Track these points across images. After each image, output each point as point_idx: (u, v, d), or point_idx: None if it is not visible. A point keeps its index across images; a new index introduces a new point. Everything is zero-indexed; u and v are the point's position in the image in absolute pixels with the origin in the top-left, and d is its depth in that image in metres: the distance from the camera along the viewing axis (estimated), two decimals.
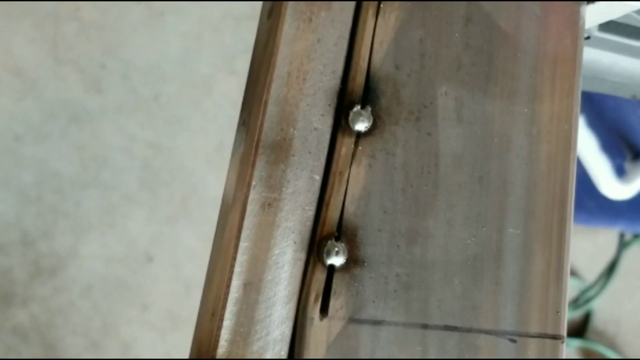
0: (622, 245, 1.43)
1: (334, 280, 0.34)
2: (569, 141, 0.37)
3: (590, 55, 0.46)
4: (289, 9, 0.34)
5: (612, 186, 1.14)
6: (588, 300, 1.42)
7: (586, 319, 1.43)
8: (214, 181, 1.31)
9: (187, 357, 0.34)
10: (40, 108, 1.29)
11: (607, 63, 0.47)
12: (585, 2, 0.38)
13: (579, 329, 1.43)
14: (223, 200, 0.35)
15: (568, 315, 1.25)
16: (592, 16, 0.39)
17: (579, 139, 1.16)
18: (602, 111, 1.15)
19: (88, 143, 1.30)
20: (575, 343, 1.41)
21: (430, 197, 0.35)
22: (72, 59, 1.30)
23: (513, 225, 0.36)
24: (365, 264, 0.34)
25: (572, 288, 1.43)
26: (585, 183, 1.20)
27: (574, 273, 1.45)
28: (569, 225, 0.37)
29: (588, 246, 1.44)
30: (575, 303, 1.42)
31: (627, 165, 1.17)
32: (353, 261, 0.34)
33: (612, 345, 1.43)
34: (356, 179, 0.34)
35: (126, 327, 1.29)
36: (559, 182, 0.37)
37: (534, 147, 0.36)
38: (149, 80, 1.32)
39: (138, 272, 1.30)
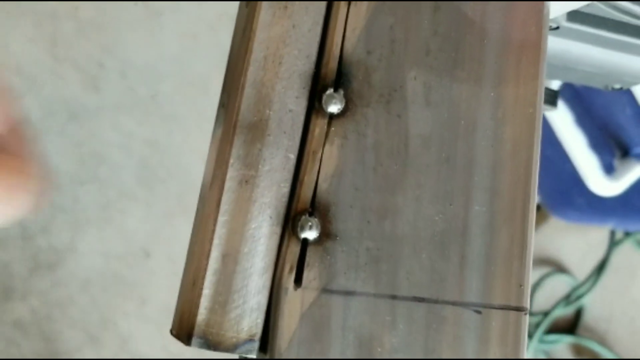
0: (613, 243, 1.44)
1: (308, 253, 0.35)
2: (533, 124, 0.39)
3: (561, 45, 0.48)
4: None
5: (600, 183, 1.15)
6: (579, 297, 1.44)
7: (577, 316, 1.45)
8: None
9: (184, 350, 0.35)
10: (39, 106, 1.31)
11: (578, 53, 0.48)
12: None
13: (571, 326, 1.45)
14: (203, 178, 0.37)
15: (560, 312, 1.26)
16: (557, 5, 0.41)
17: (568, 137, 1.16)
18: (591, 109, 1.16)
19: (86, 140, 1.32)
20: (567, 339, 1.43)
21: (400, 176, 0.37)
22: (71, 58, 1.33)
23: (479, 202, 0.38)
24: (338, 238, 0.36)
25: (563, 285, 1.45)
26: (576, 181, 1.21)
27: (566, 270, 1.46)
28: (533, 203, 0.39)
29: (579, 243, 1.46)
30: (567, 300, 1.43)
31: (616, 162, 1.18)
32: (326, 235, 0.36)
33: (603, 342, 1.44)
34: (329, 158, 0.36)
35: (124, 321, 1.31)
36: (523, 162, 0.38)
37: (499, 130, 0.38)
38: (147, 78, 1.34)
39: (136, 267, 1.32)
